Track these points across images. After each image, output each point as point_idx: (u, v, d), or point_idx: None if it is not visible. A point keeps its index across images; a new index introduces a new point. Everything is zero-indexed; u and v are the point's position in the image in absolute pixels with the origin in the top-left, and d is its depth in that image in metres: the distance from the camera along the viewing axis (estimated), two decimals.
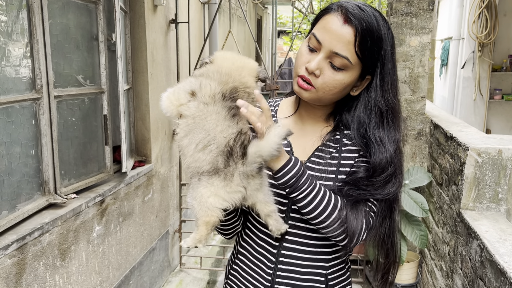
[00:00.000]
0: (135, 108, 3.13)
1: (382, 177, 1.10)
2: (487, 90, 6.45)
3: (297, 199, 1.09)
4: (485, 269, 1.86)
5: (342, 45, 1.05)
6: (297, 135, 1.21)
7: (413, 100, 3.22)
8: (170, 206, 3.68)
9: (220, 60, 1.15)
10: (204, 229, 1.04)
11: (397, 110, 1.14)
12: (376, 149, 1.10)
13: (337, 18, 1.06)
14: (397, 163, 1.11)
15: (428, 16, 3.10)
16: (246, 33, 7.52)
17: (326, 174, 1.14)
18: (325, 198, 1.09)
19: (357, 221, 1.09)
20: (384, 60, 1.09)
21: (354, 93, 1.15)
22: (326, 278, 1.20)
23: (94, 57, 2.51)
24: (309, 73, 1.09)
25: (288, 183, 1.06)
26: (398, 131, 1.14)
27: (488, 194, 2.23)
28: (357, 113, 1.15)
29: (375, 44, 1.06)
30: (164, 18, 3.44)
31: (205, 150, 1.03)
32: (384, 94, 1.12)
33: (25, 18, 1.98)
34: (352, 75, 1.09)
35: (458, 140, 2.41)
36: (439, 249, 2.75)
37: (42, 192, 2.14)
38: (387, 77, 1.11)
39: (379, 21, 1.07)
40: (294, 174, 1.06)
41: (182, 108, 1.06)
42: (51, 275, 2.06)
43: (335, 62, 1.07)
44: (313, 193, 1.08)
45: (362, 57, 1.07)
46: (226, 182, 1.02)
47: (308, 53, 1.10)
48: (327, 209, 1.08)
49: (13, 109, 1.92)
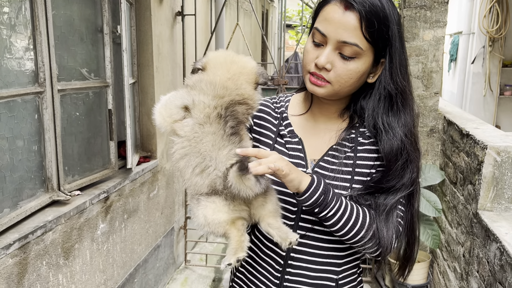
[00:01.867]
0: (141, 103, 3.06)
1: (399, 165, 1.04)
2: (497, 86, 6.33)
3: (327, 217, 1.02)
4: (505, 273, 1.79)
5: (348, 33, 0.98)
6: (309, 134, 1.15)
7: (426, 96, 3.12)
8: (175, 203, 3.61)
9: (214, 66, 1.03)
10: (234, 233, 0.97)
11: (407, 92, 1.07)
12: (385, 137, 1.05)
13: (337, 6, 0.99)
14: (409, 147, 1.05)
15: (443, 9, 3.00)
16: (252, 26, 7.42)
17: (341, 174, 1.08)
18: (354, 212, 1.03)
19: (388, 231, 1.03)
20: (392, 40, 1.02)
21: (371, 80, 1.08)
22: (337, 283, 1.14)
23: (98, 49, 2.44)
24: (320, 69, 1.02)
25: (317, 203, 1.00)
26: (410, 114, 1.07)
27: (507, 194, 2.15)
28: (371, 100, 1.09)
29: (382, 24, 0.99)
30: (170, 10, 3.35)
31: (202, 174, 0.98)
32: (393, 76, 1.05)
33: (27, 9, 1.90)
34: (365, 61, 1.02)
35: (475, 138, 2.32)
36: (452, 249, 2.67)
37: (45, 189, 2.07)
38: (395, 57, 1.04)
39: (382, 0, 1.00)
40: (321, 192, 1.00)
41: (176, 126, 1.00)
42: (54, 274, 2.00)
43: (345, 52, 1.00)
44: (341, 209, 1.02)
45: (372, 40, 1.00)
46: (228, 202, 0.98)
47: (314, 49, 1.04)
48: (357, 223, 1.03)
49: (15, 103, 1.85)
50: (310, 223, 1.10)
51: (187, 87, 1.03)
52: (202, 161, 0.97)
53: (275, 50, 11.12)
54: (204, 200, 0.98)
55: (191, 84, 1.02)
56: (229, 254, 0.95)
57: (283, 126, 1.16)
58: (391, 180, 1.04)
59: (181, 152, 0.99)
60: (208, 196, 0.98)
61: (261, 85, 1.09)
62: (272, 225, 1.00)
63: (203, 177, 0.98)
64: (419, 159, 1.08)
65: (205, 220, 0.98)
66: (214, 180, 0.97)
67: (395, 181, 1.04)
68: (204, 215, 0.98)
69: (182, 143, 0.99)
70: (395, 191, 1.05)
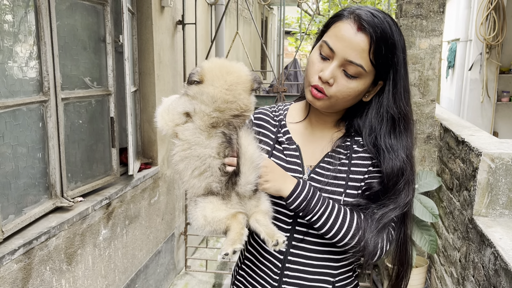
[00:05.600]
0: (142, 110, 3.11)
1: (398, 186, 1.08)
2: (494, 92, 6.39)
3: (312, 221, 1.08)
4: (499, 277, 1.82)
5: (356, 53, 1.03)
6: (307, 141, 1.20)
7: (422, 103, 3.17)
8: (176, 209, 3.65)
9: (211, 78, 1.05)
10: (235, 225, 1.01)
11: (409, 116, 1.12)
12: (387, 156, 1.09)
13: (350, 25, 1.04)
14: (409, 170, 1.09)
15: (439, 18, 3.06)
16: (251, 34, 7.49)
17: (335, 180, 1.12)
18: (340, 216, 1.08)
19: (376, 237, 1.07)
20: (397, 67, 1.07)
21: (366, 99, 1.13)
22: (334, 286, 1.18)
23: (101, 58, 2.49)
24: (323, 82, 1.07)
25: (299, 207, 1.07)
26: (410, 137, 1.12)
27: (502, 200, 2.19)
28: (368, 119, 1.13)
29: (389, 50, 1.04)
30: (171, 19, 3.41)
31: (200, 177, 1.03)
32: (397, 100, 1.10)
33: (32, 20, 1.96)
34: (365, 82, 1.07)
35: (470, 145, 2.37)
36: (449, 255, 2.71)
37: (48, 196, 2.12)
38: (399, 83, 1.09)
39: (392, 27, 1.05)
40: (304, 197, 1.07)
41: (178, 129, 1.05)
42: (58, 279, 2.04)
43: (349, 70, 1.05)
44: (326, 213, 1.08)
45: (376, 64, 1.05)
46: (225, 201, 1.03)
47: (320, 61, 1.08)
48: (343, 227, 1.08)
49: (20, 111, 1.90)
50: (306, 227, 1.14)
51: (188, 96, 1.06)
52: (201, 165, 1.02)
53: (274, 57, 11.19)
54: (201, 202, 1.03)
55: (192, 94, 1.06)
56: (227, 244, 0.97)
57: (281, 133, 1.21)
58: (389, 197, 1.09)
59: (182, 154, 1.04)
60: (205, 197, 1.03)
61: (256, 90, 1.14)
62: (260, 222, 1.04)
63: (200, 179, 1.03)
64: (414, 182, 1.13)
65: (205, 220, 1.02)
66: (210, 184, 1.02)
67: (392, 198, 1.09)
68: (204, 215, 1.02)
69: (182, 146, 1.04)
70: (393, 209, 1.08)
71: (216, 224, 1.01)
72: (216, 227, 1.02)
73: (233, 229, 1.00)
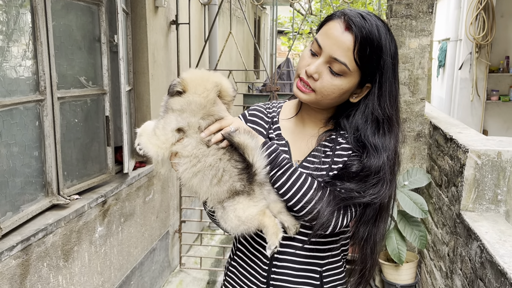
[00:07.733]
0: (136, 109, 3.14)
1: (370, 179, 1.11)
2: (484, 91, 6.49)
3: (277, 175, 1.11)
4: (485, 270, 1.89)
5: (341, 51, 1.08)
6: (296, 137, 1.25)
7: (412, 101, 3.24)
8: (170, 207, 3.69)
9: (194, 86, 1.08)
10: (267, 220, 1.07)
11: (393, 120, 1.16)
12: (370, 153, 1.13)
13: (339, 24, 1.09)
14: (387, 171, 1.13)
15: (428, 18, 3.13)
16: (244, 33, 7.52)
17: (319, 172, 1.17)
18: (301, 176, 1.12)
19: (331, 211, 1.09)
20: (383, 70, 1.11)
21: (354, 100, 1.17)
22: (321, 275, 1.23)
23: (96, 58, 2.52)
24: (308, 76, 1.12)
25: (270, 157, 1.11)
26: (394, 139, 1.16)
27: (488, 195, 2.26)
28: (355, 119, 1.17)
29: (374, 52, 1.08)
30: (165, 19, 3.45)
31: (220, 183, 1.06)
32: (381, 103, 1.14)
33: (28, 20, 1.99)
34: (350, 81, 1.11)
35: (458, 142, 2.44)
36: (438, 249, 2.78)
37: (45, 193, 2.15)
38: (385, 86, 1.13)
39: (381, 31, 1.09)
40: (273, 149, 1.12)
41: (177, 148, 1.07)
42: (55, 275, 2.07)
43: (333, 68, 1.09)
44: (290, 170, 1.12)
45: (360, 64, 1.09)
46: (251, 197, 1.07)
47: (309, 57, 1.13)
48: (302, 187, 1.11)
49: (17, 110, 1.93)
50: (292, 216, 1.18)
51: (174, 111, 1.07)
52: (217, 172, 1.06)
53: (267, 57, 11.23)
54: (230, 205, 1.07)
55: (179, 108, 1.07)
56: (272, 238, 1.07)
57: (272, 130, 1.26)
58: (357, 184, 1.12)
59: (193, 170, 1.06)
60: (232, 199, 1.07)
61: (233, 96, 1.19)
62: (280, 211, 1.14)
63: (221, 185, 1.06)
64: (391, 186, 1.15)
65: (239, 220, 1.06)
66: (233, 185, 1.06)
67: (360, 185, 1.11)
68: (237, 216, 1.06)
69: (190, 162, 1.06)
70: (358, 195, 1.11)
71: (250, 221, 1.06)
72: (250, 225, 1.07)
73: (268, 224, 1.07)
